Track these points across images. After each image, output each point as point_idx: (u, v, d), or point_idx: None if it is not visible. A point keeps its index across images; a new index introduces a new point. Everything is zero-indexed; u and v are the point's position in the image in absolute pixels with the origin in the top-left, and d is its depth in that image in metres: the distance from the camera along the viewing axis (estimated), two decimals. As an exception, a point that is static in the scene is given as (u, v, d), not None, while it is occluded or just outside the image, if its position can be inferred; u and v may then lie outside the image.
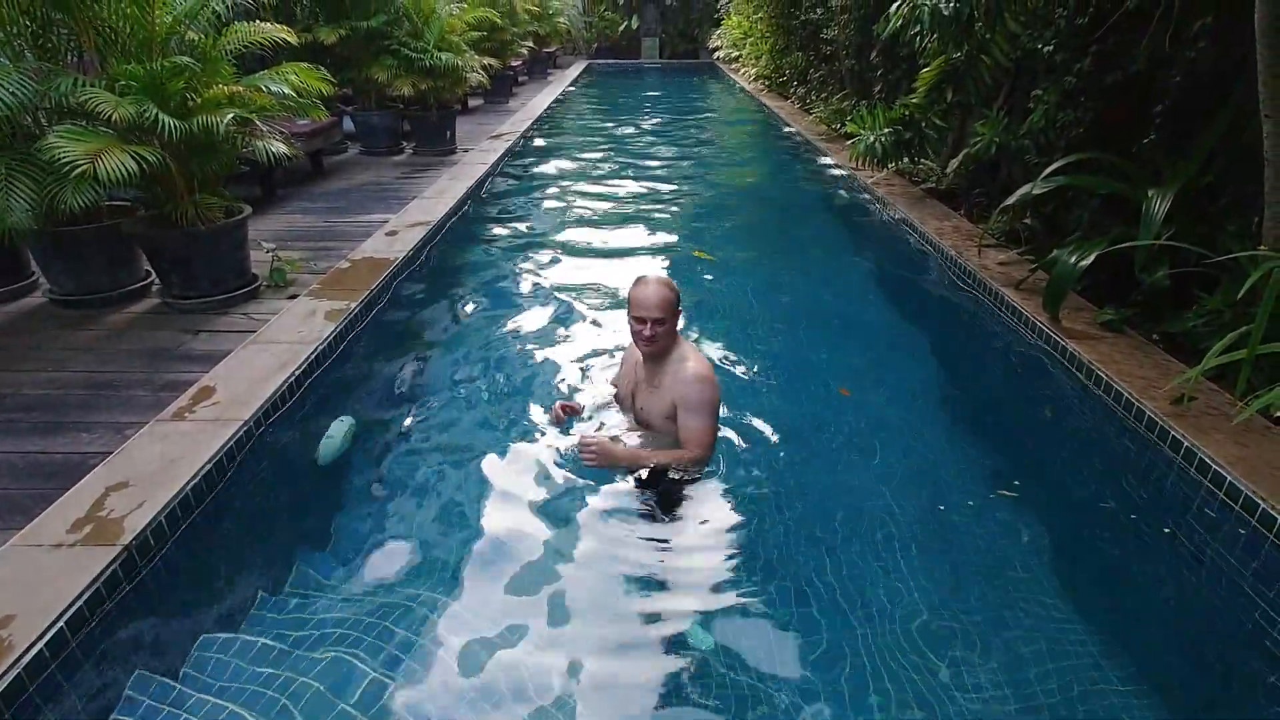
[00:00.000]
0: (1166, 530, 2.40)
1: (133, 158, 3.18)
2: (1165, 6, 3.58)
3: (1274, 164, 2.91)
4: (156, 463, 2.39)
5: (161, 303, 3.86)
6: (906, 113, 5.48)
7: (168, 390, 2.94)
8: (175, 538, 2.19)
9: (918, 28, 4.47)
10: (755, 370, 3.45)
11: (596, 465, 2.40)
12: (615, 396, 2.79)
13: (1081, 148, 4.06)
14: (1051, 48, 4.45)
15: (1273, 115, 2.87)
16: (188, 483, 2.29)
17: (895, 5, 4.63)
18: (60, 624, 1.78)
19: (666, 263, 5.02)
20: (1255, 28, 2.84)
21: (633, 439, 2.57)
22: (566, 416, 2.73)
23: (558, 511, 2.43)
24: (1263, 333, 2.49)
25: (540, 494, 2.50)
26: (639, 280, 2.46)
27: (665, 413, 2.46)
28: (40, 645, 1.73)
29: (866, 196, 6.43)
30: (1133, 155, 3.84)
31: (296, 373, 3.01)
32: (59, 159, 3.07)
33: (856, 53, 8.49)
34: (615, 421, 2.73)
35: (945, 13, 4.26)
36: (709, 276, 4.72)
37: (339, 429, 2.76)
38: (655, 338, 2.38)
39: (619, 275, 4.64)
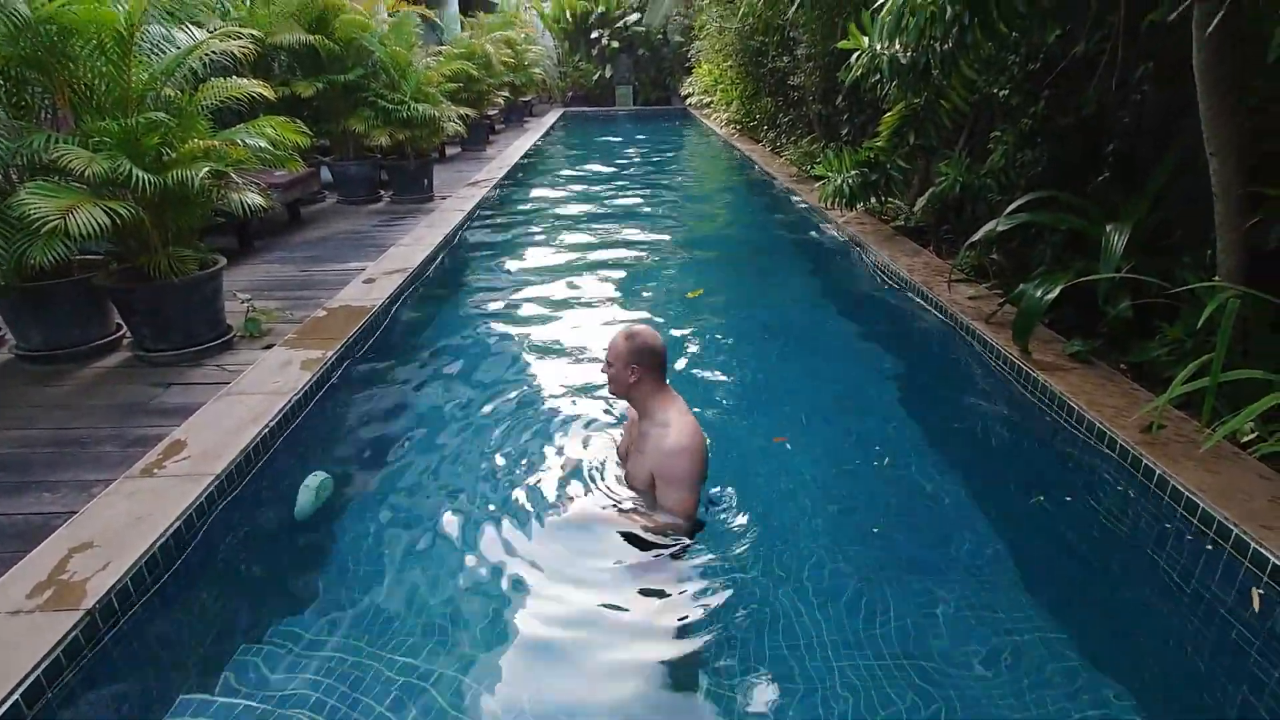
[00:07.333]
0: (1127, 555, 2.42)
1: (105, 212, 3.16)
2: (1110, 54, 3.77)
3: (1222, 199, 3.04)
4: (123, 521, 2.32)
5: (133, 356, 3.80)
6: (872, 155, 5.67)
7: (137, 445, 2.87)
8: (142, 600, 2.11)
9: (878, 76, 4.65)
10: (733, 409, 3.46)
11: (572, 521, 2.49)
12: (617, 453, 2.78)
13: (1041, 185, 4.22)
14: (1007, 92, 4.65)
15: (1217, 153, 3.01)
16: (155, 541, 2.22)
17: (856, 55, 4.82)
18: (15, 696, 1.70)
19: (654, 302, 5.06)
20: (1194, 71, 3.00)
21: (624, 496, 2.54)
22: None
23: (539, 568, 2.38)
24: (1223, 360, 2.57)
25: (522, 551, 2.45)
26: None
27: (646, 480, 2.41)
28: (-6, 720, 1.65)
29: (838, 235, 6.58)
30: (1089, 192, 3.99)
31: (271, 424, 2.97)
32: (29, 215, 3.04)
33: (823, 98, 8.78)
34: (607, 480, 2.68)
35: (903, 61, 4.44)
36: (697, 317, 4.76)
37: (314, 481, 2.70)
38: (608, 379, 2.46)
39: (598, 319, 4.67)
